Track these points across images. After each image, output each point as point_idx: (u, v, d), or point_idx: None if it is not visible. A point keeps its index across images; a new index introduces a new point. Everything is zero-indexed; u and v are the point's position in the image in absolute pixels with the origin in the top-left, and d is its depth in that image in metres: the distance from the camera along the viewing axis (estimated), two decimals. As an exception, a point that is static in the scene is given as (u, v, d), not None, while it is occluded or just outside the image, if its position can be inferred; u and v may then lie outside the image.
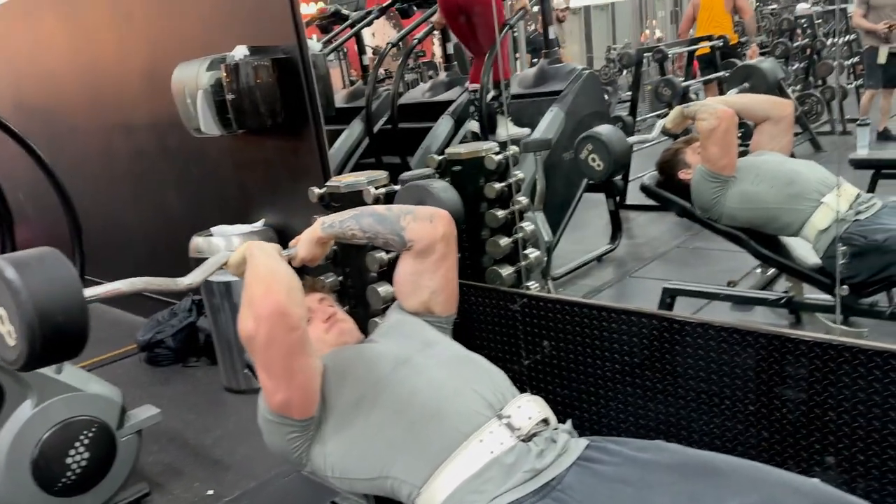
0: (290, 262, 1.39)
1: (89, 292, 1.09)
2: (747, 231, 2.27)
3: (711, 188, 2.28)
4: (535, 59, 6.26)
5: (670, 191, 2.49)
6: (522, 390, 2.02)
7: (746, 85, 2.77)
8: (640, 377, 1.79)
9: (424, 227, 1.41)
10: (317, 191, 2.14)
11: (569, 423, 1.22)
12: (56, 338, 1.02)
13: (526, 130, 3.16)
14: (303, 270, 1.93)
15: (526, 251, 2.25)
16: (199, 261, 2.74)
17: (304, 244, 1.43)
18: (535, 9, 3.89)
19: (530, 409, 1.19)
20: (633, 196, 4.11)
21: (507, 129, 3.09)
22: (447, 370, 1.25)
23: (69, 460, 1.96)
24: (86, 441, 1.99)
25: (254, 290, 1.18)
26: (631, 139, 2.50)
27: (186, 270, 2.96)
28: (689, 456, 1.12)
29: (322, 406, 1.25)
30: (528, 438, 1.14)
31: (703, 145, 2.31)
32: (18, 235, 5.02)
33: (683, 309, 2.62)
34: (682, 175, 2.42)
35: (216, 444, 2.57)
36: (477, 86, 3.21)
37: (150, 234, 3.76)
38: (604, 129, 2.34)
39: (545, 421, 1.20)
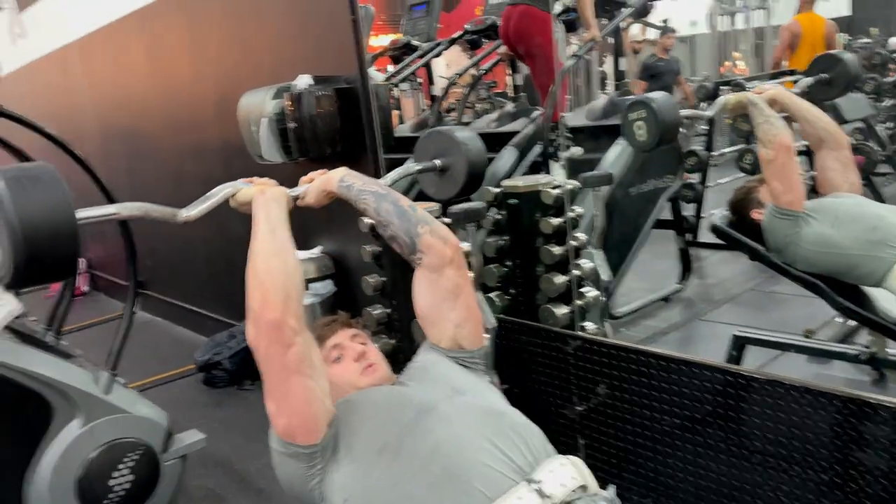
0: (295, 201, 1.39)
1: (82, 213, 1.07)
2: (825, 278, 2.09)
3: (784, 226, 2.13)
4: (653, 87, 6.16)
5: (743, 232, 2.34)
6: (573, 438, 1.94)
7: (824, 76, 2.58)
8: (703, 434, 1.67)
9: (438, 244, 1.36)
10: (367, 220, 2.11)
11: (611, 490, 1.12)
12: (43, 257, 1.00)
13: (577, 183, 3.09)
14: (338, 305, 1.89)
15: (582, 290, 2.16)
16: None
17: (315, 191, 1.41)
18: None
19: (564, 474, 1.09)
20: (706, 234, 3.94)
21: (562, 176, 3.02)
22: (474, 424, 1.17)
23: (112, 482, 1.96)
24: (130, 463, 1.99)
25: (252, 293, 1.17)
26: (684, 111, 2.34)
27: (243, 293, 2.98)
28: None
29: (342, 445, 1.20)
30: None
31: (766, 177, 2.18)
32: (95, 251, 5.26)
33: (755, 357, 2.46)
34: (756, 215, 2.27)
35: (261, 472, 2.54)
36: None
37: (212, 256, 3.84)
38: (656, 95, 2.18)
39: (583, 487, 1.10)
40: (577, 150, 3.03)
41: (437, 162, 1.73)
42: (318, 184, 1.41)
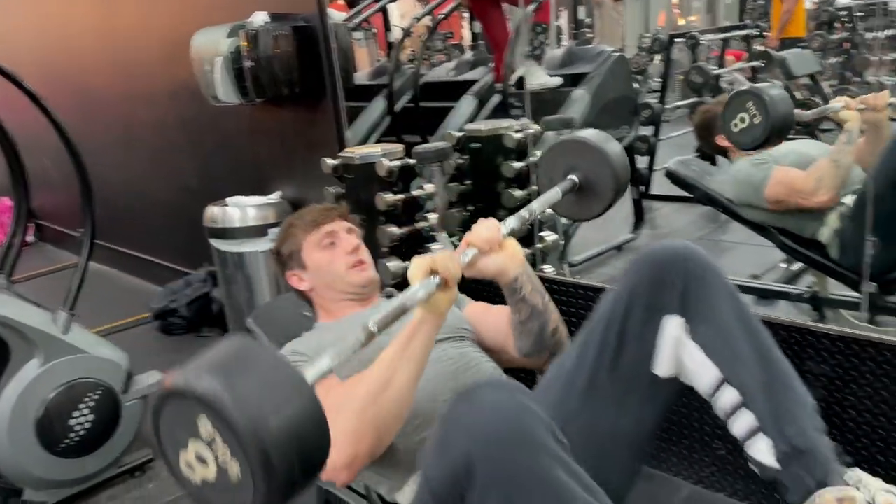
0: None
1: (311, 377, 0.81)
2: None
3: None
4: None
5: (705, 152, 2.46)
6: (531, 373, 1.99)
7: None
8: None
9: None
10: (330, 161, 2.10)
11: None
12: (295, 456, 0.70)
13: (559, 80, 3.08)
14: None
15: (542, 234, 2.20)
16: (214, 230, 2.73)
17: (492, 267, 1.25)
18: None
19: None
20: (659, 186, 4.04)
21: (541, 77, 3.01)
22: (448, 373, 1.25)
23: (73, 422, 1.96)
24: (90, 403, 1.99)
25: (364, 436, 1.04)
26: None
27: (200, 238, 2.92)
28: None
29: None
30: None
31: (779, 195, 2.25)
32: (42, 199, 5.06)
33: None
34: (720, 141, 2.38)
35: (222, 414, 2.56)
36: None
37: (167, 203, 3.76)
38: (768, 88, 1.99)
39: None
40: (556, 81, 3.05)
41: (575, 178, 1.51)
42: (494, 269, 1.26)
